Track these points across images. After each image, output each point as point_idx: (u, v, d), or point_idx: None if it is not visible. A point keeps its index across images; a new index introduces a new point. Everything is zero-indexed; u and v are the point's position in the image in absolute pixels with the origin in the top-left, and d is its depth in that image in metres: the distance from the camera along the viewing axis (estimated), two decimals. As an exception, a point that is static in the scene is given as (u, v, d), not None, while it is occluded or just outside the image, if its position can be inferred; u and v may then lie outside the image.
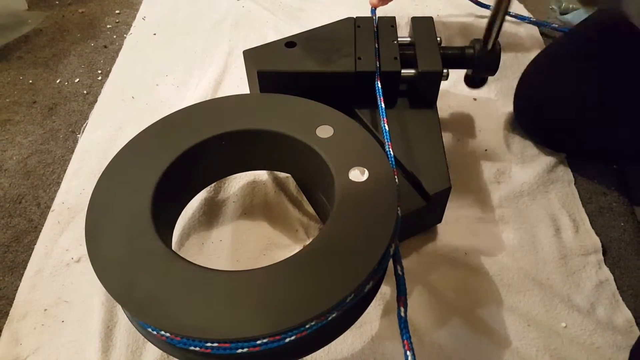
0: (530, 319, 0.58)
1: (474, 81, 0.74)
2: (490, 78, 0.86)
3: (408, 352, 0.42)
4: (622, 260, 0.65)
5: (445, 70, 0.66)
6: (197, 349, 0.42)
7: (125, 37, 1.00)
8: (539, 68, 0.78)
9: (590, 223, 0.68)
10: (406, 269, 0.61)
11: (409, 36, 0.73)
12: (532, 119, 0.78)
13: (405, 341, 0.43)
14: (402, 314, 0.45)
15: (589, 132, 0.72)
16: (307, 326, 0.42)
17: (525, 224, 0.67)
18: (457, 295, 0.60)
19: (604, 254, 0.65)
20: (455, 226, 0.67)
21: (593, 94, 0.71)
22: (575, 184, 0.72)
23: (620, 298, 0.61)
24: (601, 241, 0.66)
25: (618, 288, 0.62)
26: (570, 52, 0.76)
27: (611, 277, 0.62)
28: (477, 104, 0.84)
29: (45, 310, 0.59)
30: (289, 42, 0.69)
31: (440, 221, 0.65)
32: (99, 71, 0.92)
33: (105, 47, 0.98)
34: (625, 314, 0.59)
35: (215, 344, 0.41)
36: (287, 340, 0.42)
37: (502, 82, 0.87)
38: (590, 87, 0.71)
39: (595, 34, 0.74)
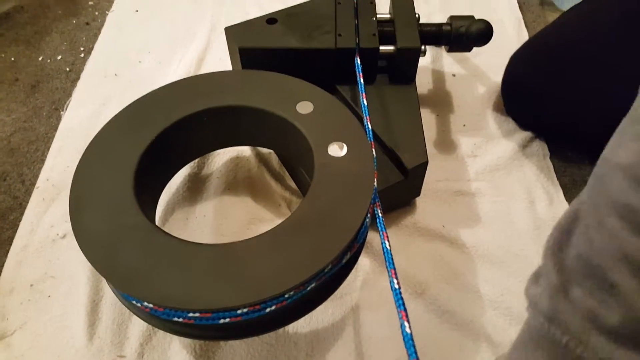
0: (504, 288, 0.60)
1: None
2: (468, 54, 0.88)
3: (405, 323, 0.41)
4: (594, 231, 0.66)
5: (423, 47, 0.67)
6: (180, 319, 0.43)
7: (107, 14, 0.99)
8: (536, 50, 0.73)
9: (564, 195, 0.69)
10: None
11: (389, 13, 0.73)
12: (523, 108, 0.76)
13: (402, 311, 0.42)
14: (396, 285, 0.44)
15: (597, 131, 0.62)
16: (286, 296, 0.43)
17: (501, 197, 0.69)
18: (434, 267, 0.62)
19: (576, 225, 0.66)
20: (433, 199, 0.68)
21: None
22: (550, 157, 0.74)
23: (592, 268, 0.63)
24: (574, 213, 0.67)
25: (590, 258, 0.63)
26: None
27: (583, 247, 0.64)
28: (456, 80, 0.85)
29: (32, 285, 0.60)
30: (270, 19, 0.70)
31: (418, 195, 0.67)
32: (81, 48, 0.92)
33: (87, 24, 0.97)
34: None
35: (197, 314, 0.42)
36: (268, 310, 0.43)
37: (480, 58, 0.88)
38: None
39: None
